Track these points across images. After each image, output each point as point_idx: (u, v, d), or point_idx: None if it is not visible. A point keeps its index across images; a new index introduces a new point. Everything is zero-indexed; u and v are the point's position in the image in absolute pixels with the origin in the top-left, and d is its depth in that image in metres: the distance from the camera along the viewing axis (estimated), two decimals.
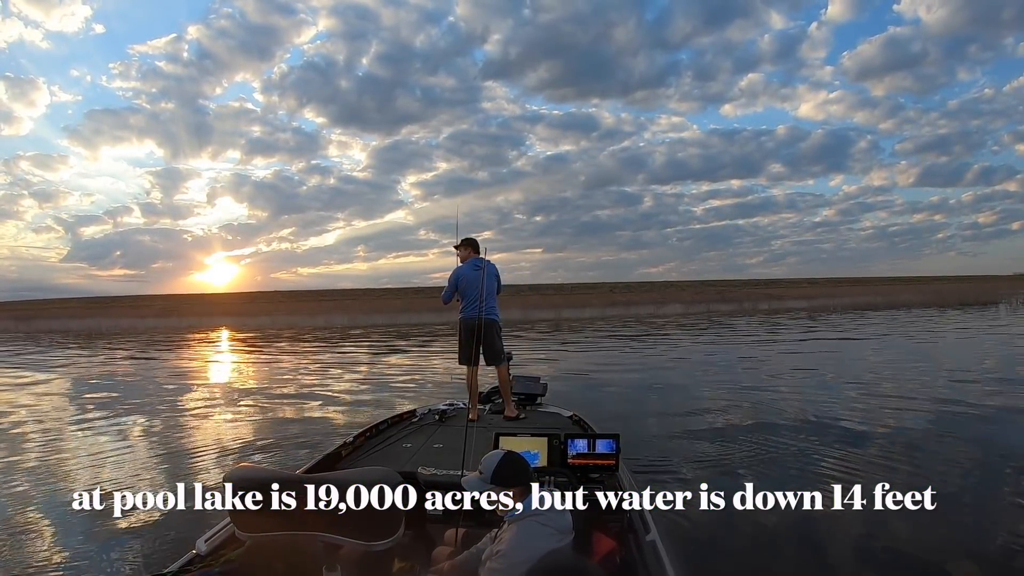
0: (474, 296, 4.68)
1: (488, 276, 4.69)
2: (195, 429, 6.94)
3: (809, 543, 3.44)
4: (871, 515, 3.67)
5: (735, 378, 9.81)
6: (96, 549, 3.53)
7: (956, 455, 5.05)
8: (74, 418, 7.79)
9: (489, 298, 4.74)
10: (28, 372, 13.36)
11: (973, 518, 3.76)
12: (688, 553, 2.97)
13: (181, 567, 2.04)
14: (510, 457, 2.07)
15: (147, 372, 13.01)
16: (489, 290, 4.72)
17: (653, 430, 6.21)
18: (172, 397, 9.23)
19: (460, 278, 4.74)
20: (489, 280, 4.72)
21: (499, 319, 4.90)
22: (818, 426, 6.16)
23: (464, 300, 4.75)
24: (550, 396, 5.32)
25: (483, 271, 4.64)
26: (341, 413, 7.63)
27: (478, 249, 4.89)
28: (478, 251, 4.88)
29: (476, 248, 4.89)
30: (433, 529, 2.72)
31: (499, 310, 4.93)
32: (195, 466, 5.37)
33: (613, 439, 2.94)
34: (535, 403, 5.10)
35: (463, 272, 4.74)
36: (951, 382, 8.63)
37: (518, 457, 2.09)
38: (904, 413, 6.72)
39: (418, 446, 3.70)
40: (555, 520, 1.97)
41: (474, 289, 4.66)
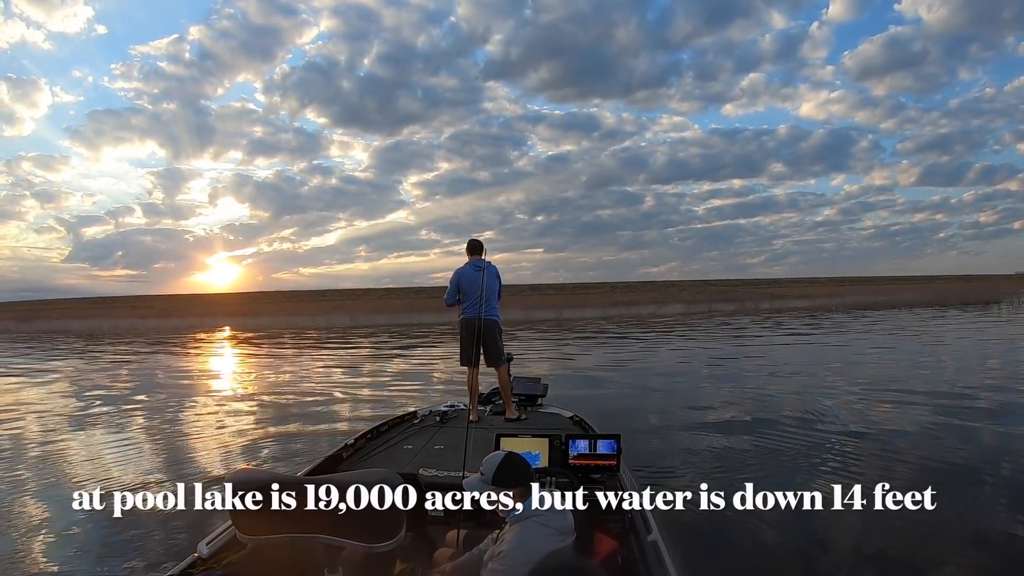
0: (475, 297, 4.69)
1: (489, 276, 4.70)
2: (196, 430, 6.95)
3: (810, 543, 3.44)
4: (871, 515, 3.67)
5: (736, 377, 9.80)
6: (97, 552, 3.53)
7: (956, 455, 5.04)
8: (75, 418, 7.79)
9: (490, 299, 4.75)
10: (29, 372, 13.37)
11: (973, 518, 3.76)
12: (689, 553, 2.97)
13: (182, 570, 2.05)
14: (511, 458, 2.07)
15: (148, 372, 13.01)
16: (490, 291, 4.73)
17: (654, 430, 6.21)
18: (173, 398, 9.24)
19: (461, 278, 4.74)
20: (490, 280, 4.73)
21: (500, 320, 4.91)
22: (818, 425, 6.16)
23: (465, 301, 4.76)
24: (550, 397, 5.32)
25: (483, 272, 4.66)
26: (342, 413, 7.64)
27: (481, 250, 4.90)
28: (481, 252, 4.89)
29: (479, 249, 4.90)
30: (434, 530, 2.72)
31: (500, 311, 4.94)
32: (196, 468, 5.37)
33: (614, 439, 2.94)
34: (535, 404, 5.10)
35: (464, 272, 4.75)
36: (951, 381, 8.63)
37: (519, 458, 2.09)
38: (905, 412, 6.72)
39: (419, 447, 3.70)
40: (556, 521, 1.97)
41: (475, 290, 4.68)
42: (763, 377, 9.71)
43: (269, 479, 1.81)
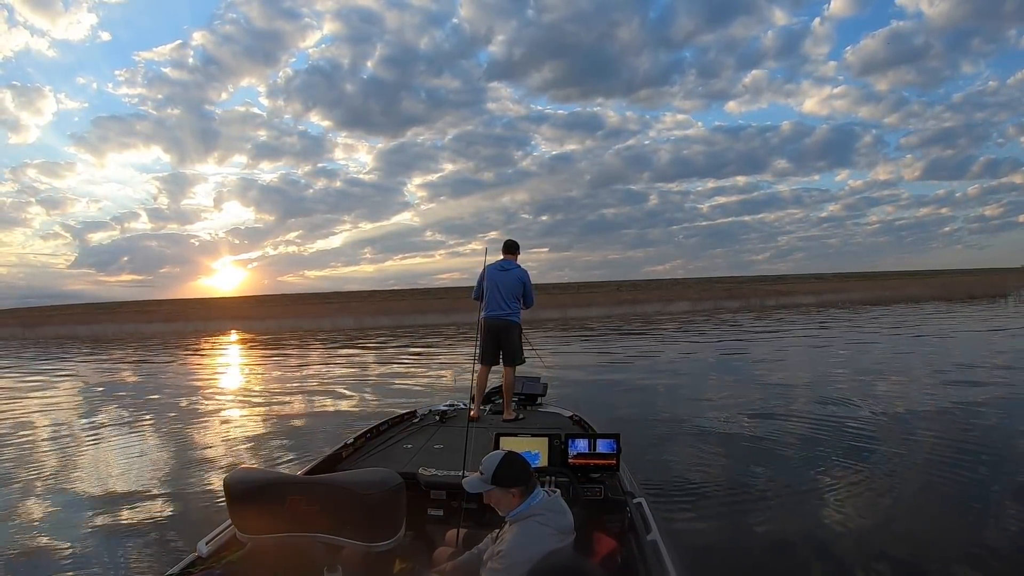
0: (493, 297, 4.73)
1: (511, 278, 4.77)
2: (197, 431, 6.99)
3: (809, 543, 3.43)
4: (870, 515, 3.66)
5: (737, 376, 9.78)
6: (96, 550, 3.57)
7: (955, 455, 5.00)
8: (78, 420, 7.86)
9: (511, 301, 4.80)
10: (34, 377, 13.46)
11: (970, 518, 3.74)
12: (689, 553, 2.97)
13: (182, 569, 2.06)
14: (511, 458, 2.07)
15: (152, 376, 13.09)
16: (509, 292, 4.78)
17: (654, 429, 6.20)
18: (176, 400, 9.29)
19: (485, 277, 4.77)
20: (512, 282, 4.79)
21: (519, 321, 4.93)
22: (820, 424, 6.14)
23: (485, 300, 4.79)
24: (550, 396, 5.32)
25: (508, 273, 4.78)
26: (343, 414, 7.67)
27: (513, 251, 4.97)
28: (513, 252, 4.96)
29: (512, 250, 4.97)
30: (433, 530, 2.73)
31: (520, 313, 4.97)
32: (197, 467, 5.41)
33: (614, 439, 2.94)
34: (535, 403, 5.10)
35: (488, 271, 4.77)
36: (952, 378, 8.56)
37: (518, 457, 2.10)
38: (905, 411, 6.67)
39: (418, 447, 3.71)
40: (556, 520, 1.97)
41: (494, 290, 4.72)
42: (765, 374, 9.68)
43: (269, 478, 1.82)
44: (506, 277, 4.80)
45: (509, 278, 4.81)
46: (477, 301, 4.81)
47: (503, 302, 4.77)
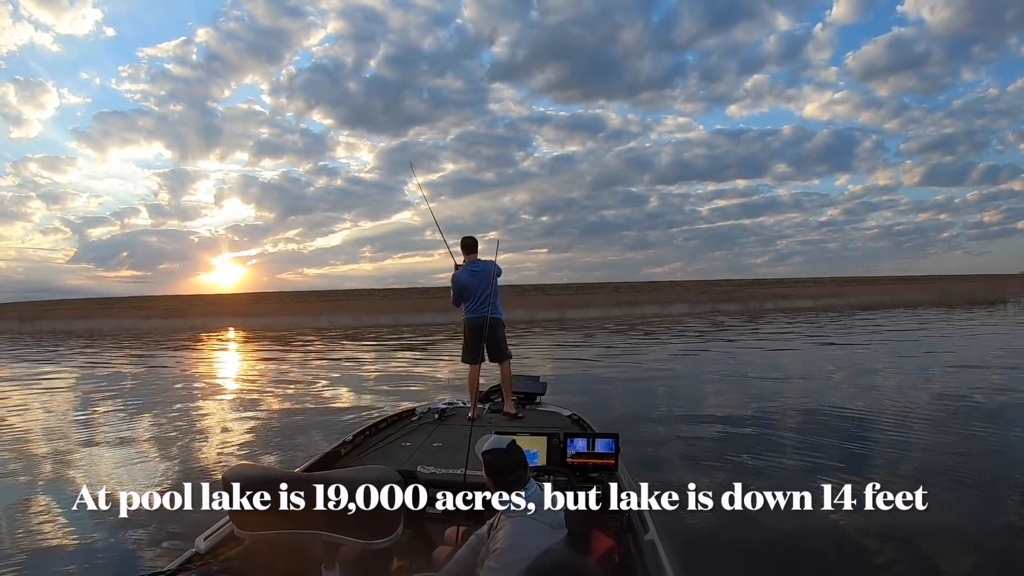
0: (476, 298, 4.73)
1: (486, 277, 4.72)
2: (197, 428, 6.99)
3: (806, 543, 3.44)
4: (862, 515, 3.67)
5: (736, 378, 9.79)
6: (94, 547, 3.56)
7: (948, 455, 5.03)
8: (77, 417, 7.84)
9: (492, 298, 4.77)
10: (34, 372, 13.45)
11: (966, 518, 3.75)
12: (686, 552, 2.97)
13: (180, 565, 2.06)
14: (499, 452, 2.05)
15: (151, 372, 13.07)
16: (488, 292, 4.75)
17: (653, 429, 6.21)
18: (175, 396, 9.29)
19: (459, 285, 4.76)
20: (487, 283, 4.75)
21: (501, 316, 4.93)
22: (815, 426, 6.16)
23: (468, 302, 4.79)
24: (549, 395, 5.32)
25: (480, 274, 4.70)
26: (341, 410, 7.66)
27: (475, 249, 4.88)
28: (473, 251, 4.87)
29: (472, 249, 4.88)
30: (432, 528, 2.72)
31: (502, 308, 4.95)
32: (195, 464, 5.40)
33: (612, 438, 2.94)
34: (534, 402, 5.10)
35: (460, 278, 4.76)
36: (947, 381, 8.59)
37: (507, 454, 2.08)
38: (899, 413, 6.69)
39: (417, 445, 3.70)
40: (548, 516, 1.98)
41: (475, 292, 4.71)
42: (763, 377, 9.69)
43: (267, 475, 1.81)
44: (478, 280, 4.71)
45: (480, 280, 4.72)
46: (458, 307, 4.82)
47: (483, 304, 4.70)
